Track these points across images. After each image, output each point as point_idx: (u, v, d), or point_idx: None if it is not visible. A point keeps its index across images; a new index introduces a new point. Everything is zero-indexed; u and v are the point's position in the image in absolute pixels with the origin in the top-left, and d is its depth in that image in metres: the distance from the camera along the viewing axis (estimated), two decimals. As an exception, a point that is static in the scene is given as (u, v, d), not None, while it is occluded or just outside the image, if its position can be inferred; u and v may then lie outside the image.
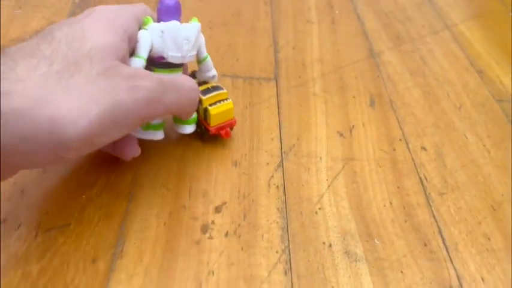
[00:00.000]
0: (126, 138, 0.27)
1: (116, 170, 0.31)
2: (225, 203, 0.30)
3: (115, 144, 0.28)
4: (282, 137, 0.36)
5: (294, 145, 0.35)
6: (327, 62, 0.45)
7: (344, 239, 0.29)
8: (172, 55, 0.28)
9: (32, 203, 0.28)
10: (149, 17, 0.28)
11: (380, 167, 0.34)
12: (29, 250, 0.26)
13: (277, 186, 0.31)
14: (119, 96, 0.22)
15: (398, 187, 0.33)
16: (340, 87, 0.42)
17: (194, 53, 0.30)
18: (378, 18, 0.54)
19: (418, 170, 0.34)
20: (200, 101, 0.31)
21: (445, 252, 0.29)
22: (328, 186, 0.32)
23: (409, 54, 0.48)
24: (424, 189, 0.33)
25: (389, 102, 0.41)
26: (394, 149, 0.36)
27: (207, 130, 0.33)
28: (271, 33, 0.48)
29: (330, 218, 0.30)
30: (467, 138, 0.38)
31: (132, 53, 0.27)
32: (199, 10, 0.51)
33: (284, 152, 0.34)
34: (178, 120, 0.32)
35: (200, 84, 0.33)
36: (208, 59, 0.32)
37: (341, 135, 0.37)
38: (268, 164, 0.33)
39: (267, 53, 0.45)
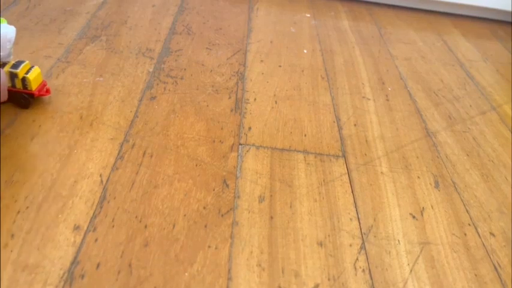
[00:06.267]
0: None
1: (210, 245, 0.33)
2: (317, 286, 0.32)
3: None
4: (359, 217, 0.38)
5: (371, 226, 0.37)
6: (388, 140, 0.48)
7: (433, 327, 0.30)
8: None
9: (140, 277, 0.30)
10: None
11: (455, 252, 0.36)
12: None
13: (363, 270, 0.33)
14: None
15: (475, 274, 0.34)
16: (405, 166, 0.44)
17: (11, 50, 0.39)
18: (428, 96, 0.58)
19: (491, 256, 0.36)
20: (16, 75, 0.40)
21: None
22: (410, 271, 0.34)
23: (462, 135, 0.51)
24: (499, 277, 0.34)
25: (452, 184, 0.43)
26: (465, 234, 0.38)
27: (32, 95, 0.41)
28: (332, 109, 0.52)
29: (418, 305, 0.31)
30: (531, 225, 0.40)
31: None
32: (263, 84, 0.54)
33: (364, 233, 0.36)
34: None
35: (4, 64, 0.40)
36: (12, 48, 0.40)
37: (413, 217, 0.39)
38: (351, 245, 0.35)
39: (332, 129, 0.48)
